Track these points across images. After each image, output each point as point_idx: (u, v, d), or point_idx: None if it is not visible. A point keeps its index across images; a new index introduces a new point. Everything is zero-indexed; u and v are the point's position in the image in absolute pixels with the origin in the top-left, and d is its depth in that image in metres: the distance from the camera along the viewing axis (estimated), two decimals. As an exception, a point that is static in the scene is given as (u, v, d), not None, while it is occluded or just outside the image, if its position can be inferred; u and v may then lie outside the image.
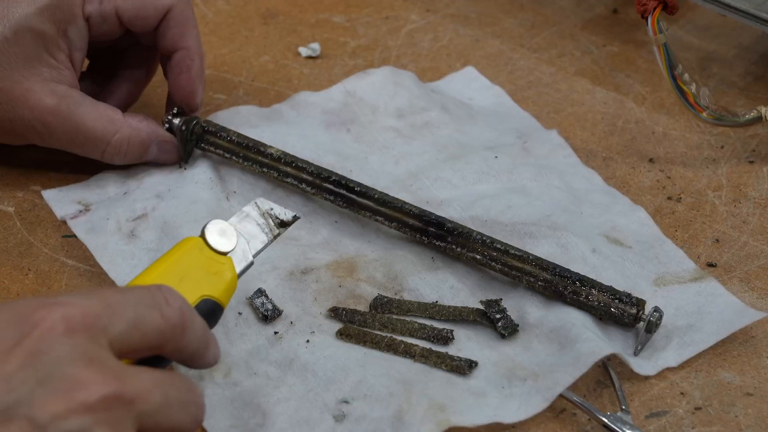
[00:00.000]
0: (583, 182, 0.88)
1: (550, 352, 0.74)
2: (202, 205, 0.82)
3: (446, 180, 0.86)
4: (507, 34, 1.03)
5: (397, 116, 0.91)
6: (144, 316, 0.59)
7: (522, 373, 0.73)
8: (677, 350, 0.75)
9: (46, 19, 0.81)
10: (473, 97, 0.96)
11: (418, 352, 0.74)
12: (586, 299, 0.76)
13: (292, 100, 0.92)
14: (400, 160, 0.88)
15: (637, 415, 0.72)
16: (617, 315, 0.75)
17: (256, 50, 1.00)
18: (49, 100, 0.82)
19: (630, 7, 1.05)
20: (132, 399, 0.56)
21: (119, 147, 0.84)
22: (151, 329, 0.60)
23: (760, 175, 0.89)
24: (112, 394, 0.56)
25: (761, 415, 0.72)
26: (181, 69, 0.85)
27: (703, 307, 0.78)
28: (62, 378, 0.55)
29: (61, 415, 0.55)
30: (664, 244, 0.83)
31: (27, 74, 0.81)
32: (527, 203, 0.84)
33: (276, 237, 0.72)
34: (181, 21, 0.84)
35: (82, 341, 0.57)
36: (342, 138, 0.90)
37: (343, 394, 0.71)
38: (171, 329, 0.60)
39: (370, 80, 0.93)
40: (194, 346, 0.62)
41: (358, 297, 0.78)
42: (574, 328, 0.74)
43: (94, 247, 0.81)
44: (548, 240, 0.80)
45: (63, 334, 0.56)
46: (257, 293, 0.77)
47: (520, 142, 0.90)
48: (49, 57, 0.82)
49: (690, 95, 0.88)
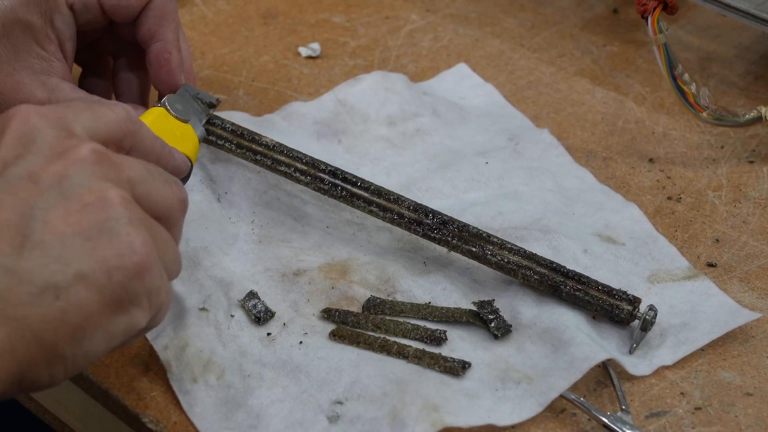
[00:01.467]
0: (576, 182, 0.88)
1: (543, 354, 0.74)
2: (193, 207, 0.82)
3: (437, 190, 0.86)
4: (507, 34, 1.03)
5: (388, 124, 0.91)
6: (99, 110, 0.67)
7: (516, 375, 0.73)
8: (672, 348, 0.75)
9: (32, 10, 0.81)
10: (465, 96, 0.96)
11: (411, 352, 0.74)
12: (582, 294, 0.76)
13: (284, 110, 0.92)
14: (391, 171, 0.88)
15: (637, 415, 0.72)
16: (613, 312, 0.75)
17: (256, 50, 1.00)
18: (39, 93, 0.81)
19: (630, 7, 1.05)
20: (119, 163, 0.63)
21: None
22: (109, 119, 0.66)
23: (760, 175, 0.89)
24: (101, 151, 0.63)
25: (761, 415, 0.72)
26: (160, 63, 0.84)
27: (696, 306, 0.78)
28: (51, 146, 0.62)
29: (60, 171, 0.61)
30: (657, 240, 0.83)
31: (17, 66, 0.81)
32: (518, 208, 0.84)
33: (208, 117, 0.83)
34: (161, 13, 0.84)
35: (57, 124, 0.64)
36: (334, 149, 0.89)
37: (336, 395, 0.71)
38: (124, 121, 0.67)
39: (360, 87, 0.93)
40: (151, 143, 0.69)
41: (351, 299, 0.78)
42: (567, 330, 0.74)
43: None
44: (540, 243, 0.80)
45: (38, 120, 0.63)
46: (249, 296, 0.77)
47: (511, 144, 0.90)
48: (39, 48, 0.82)
49: (690, 95, 0.88)
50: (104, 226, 0.61)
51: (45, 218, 0.60)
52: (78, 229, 0.60)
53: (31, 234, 0.59)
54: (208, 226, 0.81)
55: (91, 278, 0.60)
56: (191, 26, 1.02)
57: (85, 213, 0.61)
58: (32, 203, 0.60)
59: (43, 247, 0.59)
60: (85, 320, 0.60)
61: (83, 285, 0.60)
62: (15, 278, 0.58)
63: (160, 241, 0.64)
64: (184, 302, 0.76)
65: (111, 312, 0.61)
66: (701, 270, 0.81)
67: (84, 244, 0.60)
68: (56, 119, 0.64)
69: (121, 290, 0.61)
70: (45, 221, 0.60)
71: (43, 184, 0.61)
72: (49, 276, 0.59)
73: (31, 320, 0.58)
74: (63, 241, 0.60)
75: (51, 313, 0.59)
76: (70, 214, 0.60)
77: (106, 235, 0.61)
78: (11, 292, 0.58)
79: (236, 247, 0.81)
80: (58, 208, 0.60)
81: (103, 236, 0.61)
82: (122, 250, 0.61)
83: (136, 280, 0.61)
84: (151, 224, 0.64)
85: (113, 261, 0.61)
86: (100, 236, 0.61)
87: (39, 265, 0.59)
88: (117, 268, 0.61)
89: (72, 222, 0.60)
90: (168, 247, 0.65)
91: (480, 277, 0.80)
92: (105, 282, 0.60)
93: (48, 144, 0.62)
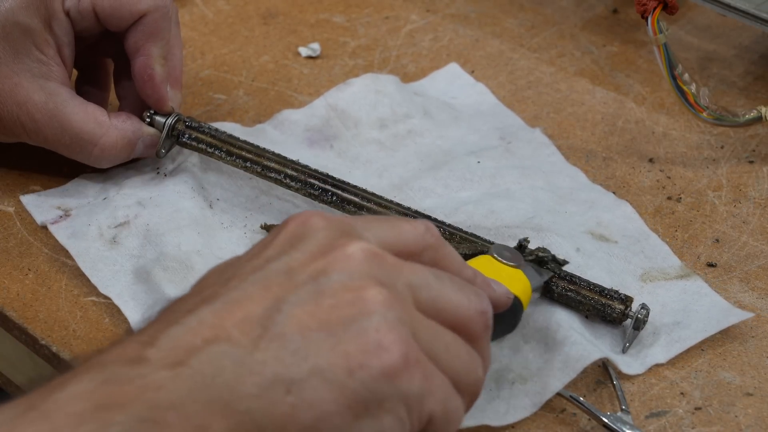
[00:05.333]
0: (568, 181, 0.88)
1: (537, 353, 0.74)
2: (185, 213, 0.82)
3: (429, 189, 0.86)
4: (507, 34, 1.03)
5: (380, 127, 0.91)
6: (395, 222, 0.62)
7: (510, 375, 0.73)
8: (665, 347, 0.75)
9: (32, 14, 0.81)
10: (457, 96, 0.96)
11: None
12: (573, 294, 0.76)
13: (275, 119, 0.92)
14: (383, 173, 0.88)
15: (637, 415, 0.72)
16: (605, 312, 0.75)
17: (256, 50, 1.00)
18: (36, 96, 0.81)
19: (630, 7, 1.05)
20: (397, 265, 0.59)
21: (106, 150, 0.83)
22: (404, 230, 0.61)
23: (760, 175, 0.89)
24: (373, 250, 0.58)
25: (761, 415, 0.72)
26: (143, 78, 0.84)
27: (689, 305, 0.78)
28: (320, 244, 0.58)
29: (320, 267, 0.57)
30: (649, 238, 0.83)
31: (16, 69, 0.81)
32: (510, 207, 0.84)
33: (545, 281, 0.76)
34: (150, 30, 0.83)
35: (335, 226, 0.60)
36: (326, 155, 0.89)
37: None
38: (423, 234, 0.62)
39: (351, 91, 0.92)
40: (455, 262, 0.63)
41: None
42: (561, 329, 0.74)
43: (76, 253, 0.80)
44: (532, 241, 0.80)
45: (317, 221, 0.60)
46: None
47: (503, 143, 0.90)
48: (38, 52, 0.82)
49: (690, 95, 0.88)
50: (353, 321, 0.56)
51: (291, 312, 0.56)
52: (324, 324, 0.55)
53: (272, 326, 0.55)
54: (200, 231, 0.81)
55: (328, 374, 0.54)
56: (191, 26, 1.02)
57: (336, 308, 0.56)
58: (282, 298, 0.56)
59: (282, 339, 0.55)
60: (318, 420, 0.54)
61: (319, 380, 0.54)
62: (245, 369, 0.54)
63: (442, 348, 0.58)
64: None
65: (352, 415, 0.55)
66: (702, 270, 0.81)
67: (327, 338, 0.55)
68: (338, 222, 0.60)
69: (366, 391, 0.55)
70: (290, 315, 0.55)
71: (298, 279, 0.57)
72: (281, 369, 0.54)
73: (257, 414, 0.54)
74: (304, 335, 0.55)
75: (280, 408, 0.54)
76: (320, 309, 0.56)
77: (354, 331, 0.55)
78: (239, 383, 0.54)
79: (229, 251, 0.81)
80: (308, 303, 0.56)
81: (350, 332, 0.55)
82: (368, 347, 0.55)
83: (384, 381, 0.55)
84: (427, 327, 0.58)
85: (356, 358, 0.55)
86: (346, 332, 0.55)
87: (273, 357, 0.54)
88: (360, 366, 0.55)
89: (319, 317, 0.56)
90: (457, 357, 0.59)
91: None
92: (344, 380, 0.55)
93: (316, 242, 0.58)
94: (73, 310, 0.78)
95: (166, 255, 0.79)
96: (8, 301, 0.78)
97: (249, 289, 0.57)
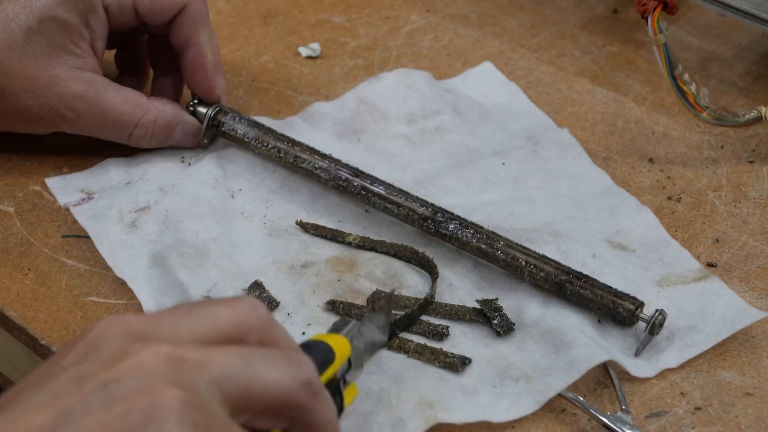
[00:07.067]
0: (591, 185, 0.87)
1: (544, 354, 0.74)
2: (206, 203, 0.83)
3: (451, 188, 0.86)
4: (507, 34, 1.03)
5: (408, 122, 0.91)
6: (211, 309, 0.58)
7: (515, 373, 0.73)
8: (678, 352, 0.75)
9: (69, 9, 0.83)
10: (488, 95, 0.96)
11: (412, 347, 0.74)
12: (586, 292, 0.76)
13: (306, 111, 0.92)
14: (407, 168, 0.88)
15: (637, 415, 0.72)
16: (616, 310, 0.75)
17: (256, 50, 1.00)
18: (76, 86, 0.83)
19: (630, 7, 1.05)
20: (200, 362, 0.55)
21: (146, 129, 0.85)
22: (220, 316, 0.58)
23: (760, 175, 0.89)
24: (170, 353, 0.55)
25: (761, 415, 0.72)
26: (195, 66, 0.86)
27: (705, 307, 0.78)
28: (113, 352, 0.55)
29: (112, 375, 0.54)
30: (669, 245, 0.82)
31: (53, 63, 0.83)
32: (530, 211, 0.84)
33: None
34: (195, 19, 0.86)
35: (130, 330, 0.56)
36: (353, 148, 0.90)
37: None
38: (244, 315, 0.59)
39: (382, 85, 0.93)
40: (284, 343, 0.59)
41: (356, 291, 0.78)
42: (570, 332, 0.74)
43: (95, 234, 0.81)
44: (548, 246, 0.80)
45: (113, 327, 0.56)
46: (254, 286, 0.77)
47: (530, 143, 0.90)
48: (73, 46, 0.83)
49: (690, 95, 0.88)
50: (144, 428, 0.53)
51: (79, 422, 0.53)
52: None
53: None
54: (219, 220, 0.82)
55: None
56: (191, 26, 1.02)
57: (127, 416, 0.53)
58: (70, 407, 0.53)
59: None
60: None
61: None
62: None
63: None
64: (188, 290, 0.77)
65: None
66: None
67: None
68: (138, 325, 0.57)
69: None
70: (79, 425, 0.53)
71: (88, 388, 0.54)
72: None
73: None
74: None
75: None
76: (111, 418, 0.53)
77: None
78: None
79: (246, 240, 0.81)
80: (97, 411, 0.53)
81: None
82: None
83: None
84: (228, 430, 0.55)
85: None
86: None
87: None
88: None
89: (110, 426, 0.53)
90: None
91: (487, 276, 0.80)
92: None
93: (109, 350, 0.56)
94: (73, 310, 0.78)
95: (183, 241, 0.80)
96: (8, 301, 0.78)
97: (36, 400, 0.54)
